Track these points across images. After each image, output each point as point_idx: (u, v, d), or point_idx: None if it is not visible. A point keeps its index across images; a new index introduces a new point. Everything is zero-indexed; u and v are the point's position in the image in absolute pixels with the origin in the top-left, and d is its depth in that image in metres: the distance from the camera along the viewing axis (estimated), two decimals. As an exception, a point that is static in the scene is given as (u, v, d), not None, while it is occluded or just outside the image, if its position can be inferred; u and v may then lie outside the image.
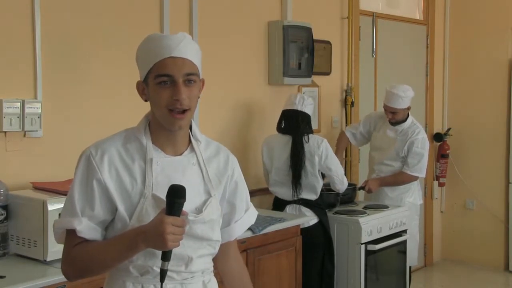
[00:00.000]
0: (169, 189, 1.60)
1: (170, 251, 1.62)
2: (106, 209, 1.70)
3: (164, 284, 1.66)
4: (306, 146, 3.96)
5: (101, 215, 1.70)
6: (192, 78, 1.71)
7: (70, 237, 1.72)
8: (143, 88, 1.76)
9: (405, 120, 4.61)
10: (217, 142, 1.92)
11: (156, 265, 1.68)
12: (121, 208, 1.69)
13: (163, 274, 1.63)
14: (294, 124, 4.00)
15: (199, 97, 1.76)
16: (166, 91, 1.68)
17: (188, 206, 1.67)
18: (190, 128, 1.82)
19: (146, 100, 1.77)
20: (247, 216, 1.94)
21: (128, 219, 1.69)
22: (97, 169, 1.69)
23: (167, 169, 1.74)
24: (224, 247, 1.89)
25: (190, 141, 1.82)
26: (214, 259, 1.88)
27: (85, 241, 1.71)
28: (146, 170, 1.71)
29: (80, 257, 1.70)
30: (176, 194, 1.60)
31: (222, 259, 1.93)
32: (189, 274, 1.77)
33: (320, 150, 3.96)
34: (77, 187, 1.71)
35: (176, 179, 1.70)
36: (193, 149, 1.81)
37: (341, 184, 4.07)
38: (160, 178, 1.72)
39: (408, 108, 4.58)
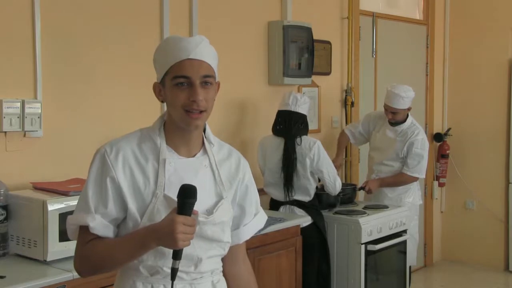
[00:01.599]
0: (180, 188, 1.62)
1: (181, 250, 1.63)
2: (119, 207, 1.72)
3: (174, 283, 1.67)
4: (298, 148, 3.96)
5: (114, 213, 1.72)
6: (209, 80, 1.73)
7: (83, 234, 1.74)
8: (160, 90, 1.78)
9: (404, 120, 4.61)
10: (229, 145, 1.93)
11: (166, 266, 1.70)
12: (133, 207, 1.71)
13: (174, 273, 1.65)
14: (287, 126, 4.00)
15: (214, 99, 1.78)
16: (183, 93, 1.70)
17: (199, 207, 1.68)
18: (204, 131, 1.85)
19: (162, 101, 1.79)
20: (256, 220, 1.95)
21: (140, 218, 1.71)
22: (111, 167, 1.71)
23: (180, 170, 1.76)
24: (232, 250, 1.90)
25: (203, 143, 1.83)
26: (222, 262, 1.89)
27: (98, 238, 1.72)
28: (159, 170, 1.73)
29: (92, 253, 1.72)
30: (187, 194, 1.61)
31: (231, 262, 1.93)
32: (198, 274, 1.78)
33: (312, 153, 3.95)
34: (91, 184, 1.73)
35: (188, 180, 1.71)
36: (206, 152, 1.82)
37: (332, 187, 4.04)
38: (172, 179, 1.73)
39: (409, 109, 4.57)
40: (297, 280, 3.76)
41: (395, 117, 4.55)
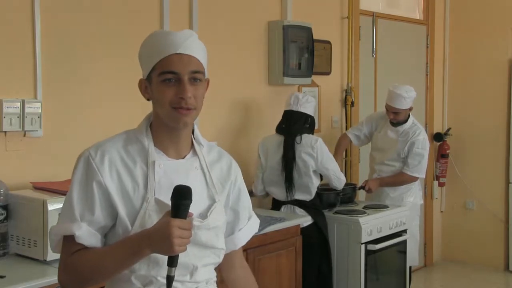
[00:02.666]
0: (174, 190, 1.52)
1: (177, 256, 1.52)
2: (107, 213, 1.61)
3: None
4: (298, 146, 3.97)
5: (101, 220, 1.61)
6: (198, 76, 1.63)
7: (68, 244, 1.62)
8: (146, 87, 1.68)
9: (406, 120, 4.61)
10: (219, 148, 1.86)
11: (161, 275, 1.60)
12: (123, 212, 1.60)
13: (170, 281, 1.54)
14: (287, 125, 4.03)
15: (203, 97, 1.69)
16: (170, 89, 1.61)
17: (192, 211, 1.57)
18: (193, 132, 1.76)
19: (148, 99, 1.69)
20: (250, 224, 1.87)
21: (130, 225, 1.60)
22: (97, 170, 1.60)
23: (170, 172, 1.66)
24: (229, 257, 1.83)
25: (192, 145, 1.74)
26: (219, 269, 1.82)
27: (84, 248, 1.61)
28: (148, 173, 1.63)
29: (79, 264, 1.59)
30: (182, 195, 1.51)
31: (228, 269, 1.86)
32: (193, 284, 1.68)
33: (315, 151, 3.96)
34: (76, 190, 1.62)
35: (179, 183, 1.58)
36: (195, 153, 1.73)
37: (338, 181, 4.07)
38: (162, 182, 1.64)
39: (410, 109, 4.58)
40: (297, 280, 3.76)
41: (396, 117, 4.55)
